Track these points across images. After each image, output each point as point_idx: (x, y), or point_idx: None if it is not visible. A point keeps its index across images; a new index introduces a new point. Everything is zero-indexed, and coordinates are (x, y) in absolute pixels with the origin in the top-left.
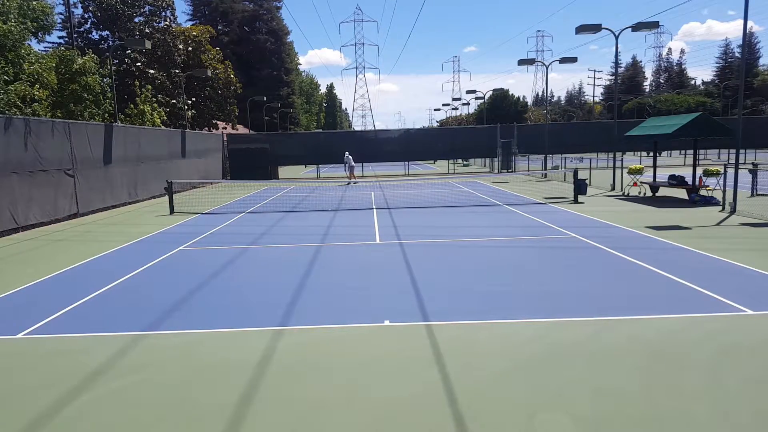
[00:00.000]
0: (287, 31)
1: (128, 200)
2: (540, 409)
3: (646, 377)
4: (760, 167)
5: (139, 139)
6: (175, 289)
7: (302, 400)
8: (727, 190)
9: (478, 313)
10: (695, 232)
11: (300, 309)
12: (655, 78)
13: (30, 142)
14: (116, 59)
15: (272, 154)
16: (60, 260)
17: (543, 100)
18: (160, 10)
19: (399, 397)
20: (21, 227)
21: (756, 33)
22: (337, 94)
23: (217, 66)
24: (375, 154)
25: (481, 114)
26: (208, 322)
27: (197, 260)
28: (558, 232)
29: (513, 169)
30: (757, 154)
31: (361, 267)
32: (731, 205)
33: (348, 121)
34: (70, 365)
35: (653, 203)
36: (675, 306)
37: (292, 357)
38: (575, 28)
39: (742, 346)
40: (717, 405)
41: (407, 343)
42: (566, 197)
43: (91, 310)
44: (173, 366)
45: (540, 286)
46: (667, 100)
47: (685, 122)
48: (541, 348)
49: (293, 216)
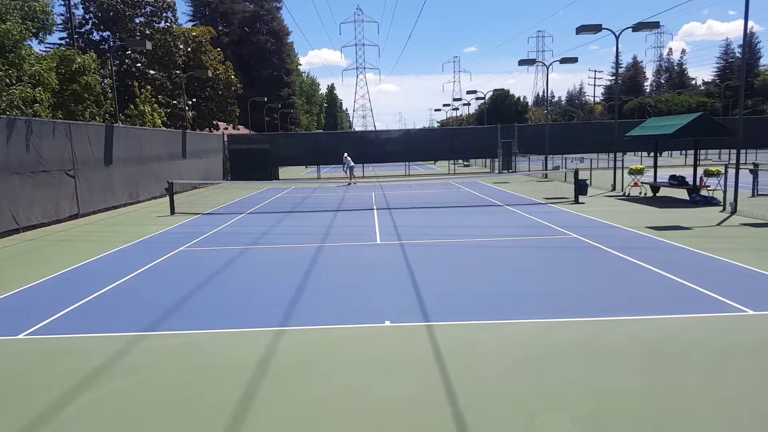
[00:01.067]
0: (287, 32)
1: (129, 201)
2: (540, 409)
3: (646, 377)
4: (760, 167)
5: (139, 139)
6: (176, 290)
7: (302, 400)
8: (727, 190)
9: (478, 313)
10: (696, 232)
11: (300, 309)
12: (656, 78)
13: (31, 143)
14: (117, 60)
15: (273, 154)
16: (61, 261)
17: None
18: (161, 11)
19: (399, 397)
20: (22, 228)
21: (756, 33)
22: (337, 94)
23: (218, 67)
24: (375, 154)
25: (482, 114)
26: (208, 322)
27: (198, 261)
28: (558, 232)
29: (514, 170)
30: (757, 154)
31: (361, 267)
32: (732, 205)
33: (348, 122)
34: (70, 365)
35: (654, 203)
36: (675, 306)
37: (292, 357)
38: (575, 28)
39: (742, 346)
40: (717, 405)
41: (407, 343)
42: (567, 197)
43: (91, 310)
44: (173, 366)
45: (540, 286)
46: (668, 100)
47: (685, 122)
48: (541, 348)
49: (294, 216)
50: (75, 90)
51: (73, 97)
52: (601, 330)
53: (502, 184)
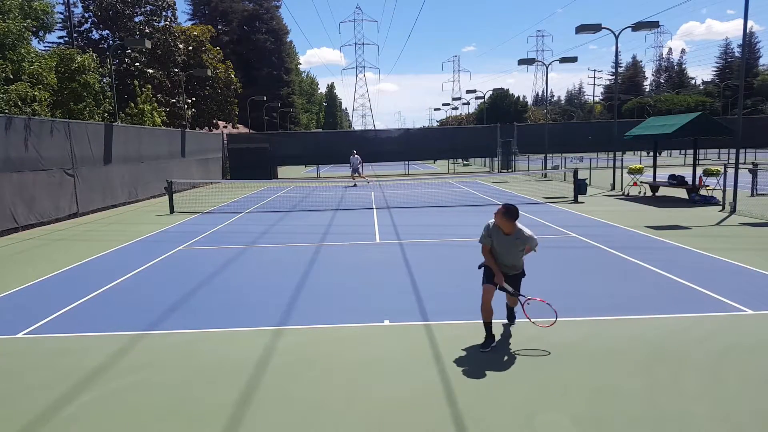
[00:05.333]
0: (287, 31)
1: (128, 200)
2: (540, 409)
3: (646, 377)
4: (760, 167)
5: (139, 138)
6: (175, 289)
7: (302, 400)
8: (727, 189)
9: (478, 312)
10: (695, 231)
11: (300, 308)
12: (655, 78)
13: (30, 142)
14: (116, 59)
15: (272, 153)
16: (60, 260)
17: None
18: (161, 10)
19: (399, 397)
20: (21, 227)
21: (756, 33)
22: (337, 93)
23: (218, 65)
24: (375, 153)
25: (481, 114)
26: (208, 321)
27: (197, 260)
28: (558, 231)
29: (513, 169)
30: (757, 153)
31: (361, 266)
32: (731, 204)
33: (348, 121)
34: (70, 365)
35: (653, 203)
36: (675, 306)
37: (292, 357)
38: (575, 27)
39: (742, 346)
40: (717, 405)
41: (407, 343)
42: (566, 197)
43: (91, 309)
44: (173, 366)
45: (540, 285)
46: (667, 99)
47: (685, 122)
48: (542, 348)
49: (293, 215)
50: (74, 89)
51: (72, 95)
52: (601, 330)
53: (502, 183)
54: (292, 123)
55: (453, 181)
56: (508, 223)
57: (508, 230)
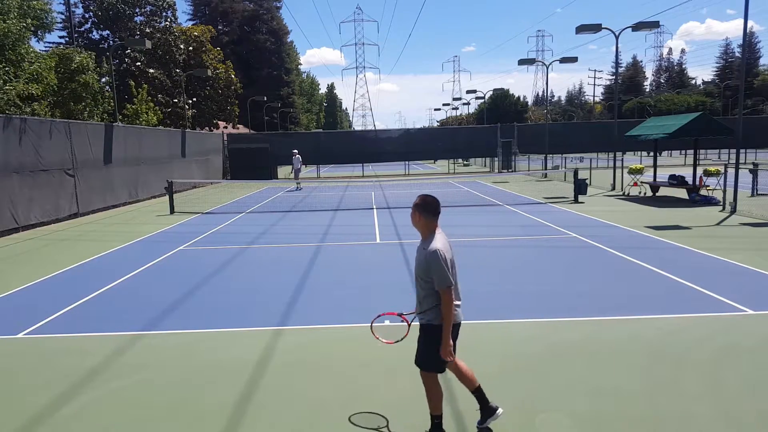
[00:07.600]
0: (287, 31)
1: (129, 200)
2: (540, 409)
3: (646, 377)
4: (760, 167)
5: (139, 139)
6: (175, 289)
7: (302, 400)
8: (727, 189)
9: (478, 312)
10: (695, 231)
11: (300, 309)
12: (656, 78)
13: (30, 142)
14: (116, 59)
15: (272, 153)
16: (60, 260)
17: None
18: (161, 10)
19: (399, 397)
20: (21, 227)
21: (756, 33)
22: (337, 93)
23: (218, 66)
24: (375, 153)
25: (482, 114)
26: (208, 321)
27: (197, 260)
28: (558, 231)
29: (513, 169)
30: (757, 153)
31: (361, 266)
32: (731, 204)
33: (348, 121)
34: (70, 365)
35: (653, 203)
36: (675, 306)
37: (291, 357)
38: (575, 27)
39: (742, 346)
40: (717, 405)
41: (407, 342)
42: (566, 197)
43: (91, 309)
44: (173, 366)
45: (540, 285)
46: (668, 99)
47: (685, 122)
48: (541, 348)
49: (293, 215)
50: (74, 89)
51: (72, 95)
52: (601, 330)
53: (502, 183)
54: (292, 123)
55: (453, 181)
56: (420, 220)
57: (422, 234)
